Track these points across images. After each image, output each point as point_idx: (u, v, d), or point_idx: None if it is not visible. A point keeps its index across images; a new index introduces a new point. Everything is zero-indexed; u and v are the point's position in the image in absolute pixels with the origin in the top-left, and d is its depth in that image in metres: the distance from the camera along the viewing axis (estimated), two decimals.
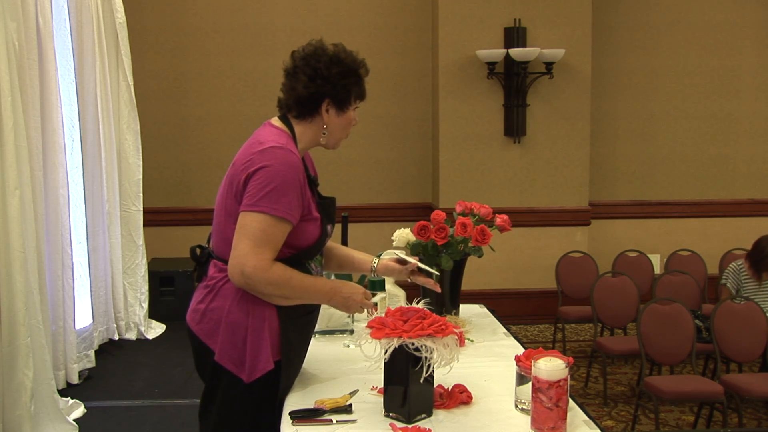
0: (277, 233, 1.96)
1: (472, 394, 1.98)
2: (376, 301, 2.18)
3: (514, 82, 5.81)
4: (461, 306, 2.75)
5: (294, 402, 1.98)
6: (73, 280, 4.33)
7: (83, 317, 4.74)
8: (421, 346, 1.80)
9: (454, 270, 2.60)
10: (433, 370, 1.83)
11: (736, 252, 5.42)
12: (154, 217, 5.83)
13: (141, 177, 5.34)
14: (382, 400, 1.92)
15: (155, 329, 5.43)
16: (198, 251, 2.15)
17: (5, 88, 3.42)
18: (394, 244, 2.63)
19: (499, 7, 5.83)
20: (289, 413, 1.90)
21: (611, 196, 6.48)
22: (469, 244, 2.58)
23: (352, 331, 2.59)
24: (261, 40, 6.11)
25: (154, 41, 6.07)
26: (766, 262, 4.37)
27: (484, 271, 5.73)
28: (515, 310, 5.88)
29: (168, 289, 5.70)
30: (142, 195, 5.34)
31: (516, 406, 1.93)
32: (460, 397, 1.95)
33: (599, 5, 6.14)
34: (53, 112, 4.09)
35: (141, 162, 5.34)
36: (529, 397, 1.81)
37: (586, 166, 6.06)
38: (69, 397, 3.96)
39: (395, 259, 2.36)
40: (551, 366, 1.75)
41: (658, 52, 6.39)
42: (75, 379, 4.33)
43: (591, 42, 5.94)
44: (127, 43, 5.18)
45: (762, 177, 6.58)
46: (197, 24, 6.10)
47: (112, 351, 5.02)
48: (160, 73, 6.10)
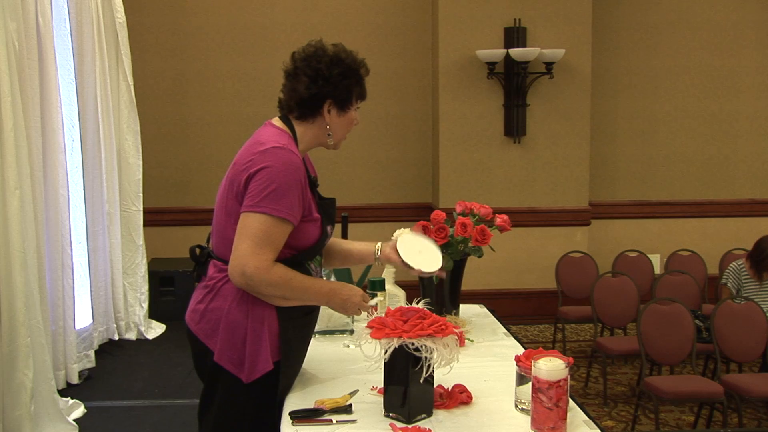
0: (278, 234, 1.95)
1: (472, 394, 1.98)
2: (373, 303, 2.17)
3: (514, 82, 5.81)
4: (461, 306, 2.75)
5: (294, 402, 1.98)
6: (73, 280, 4.33)
7: (83, 317, 4.74)
8: (421, 346, 1.80)
9: (454, 270, 2.60)
10: (433, 370, 1.83)
11: (736, 252, 5.42)
12: (154, 217, 5.83)
13: (141, 177, 5.34)
14: (382, 400, 1.91)
15: (155, 329, 5.43)
16: (197, 251, 2.14)
17: (5, 88, 3.42)
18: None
19: (499, 7, 5.83)
20: (289, 413, 1.90)
21: (611, 196, 6.48)
22: (469, 244, 2.58)
23: (352, 331, 2.59)
24: (261, 40, 6.11)
25: (154, 41, 6.07)
26: (767, 262, 4.38)
27: (484, 271, 5.73)
28: (515, 310, 5.88)
29: (168, 289, 5.70)
30: (142, 195, 5.34)
31: (516, 406, 1.93)
32: (460, 397, 1.95)
33: (599, 5, 6.14)
34: (53, 112, 4.09)
35: (141, 162, 5.34)
36: (529, 397, 1.81)
37: (586, 166, 6.05)
38: (69, 397, 3.96)
39: (400, 260, 2.31)
40: (551, 366, 1.75)
41: (658, 52, 6.39)
42: (75, 379, 4.33)
43: (591, 42, 5.94)
44: (127, 43, 5.18)
45: (762, 177, 6.58)
46: (197, 24, 6.10)
47: (112, 351, 5.02)
48: (160, 73, 6.11)
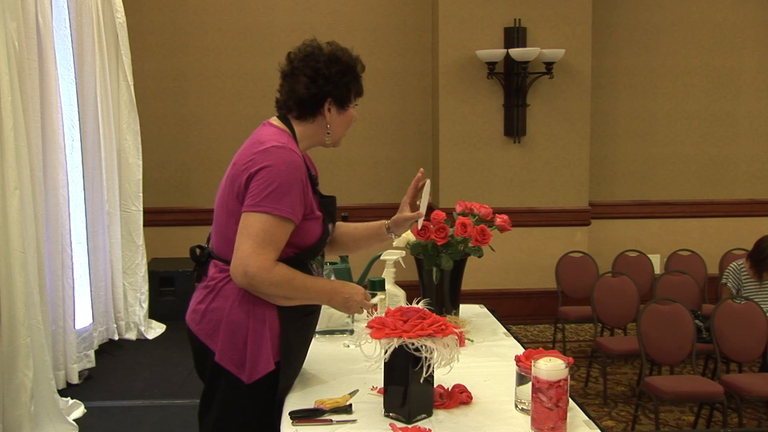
0: (280, 233, 1.95)
1: (472, 394, 1.98)
2: (375, 302, 2.18)
3: (514, 82, 5.81)
4: (461, 306, 2.75)
5: (294, 402, 1.98)
6: (73, 280, 4.33)
7: (83, 317, 4.73)
8: (421, 346, 1.79)
9: (454, 270, 2.60)
10: (433, 370, 1.83)
11: (736, 252, 5.42)
12: (154, 217, 5.83)
13: (141, 177, 5.34)
14: (382, 400, 1.91)
15: (155, 329, 5.42)
16: (198, 251, 2.14)
17: (5, 88, 3.42)
18: (394, 243, 2.63)
19: (499, 7, 5.83)
20: (289, 413, 1.89)
21: (611, 196, 6.48)
22: (469, 244, 2.58)
23: (352, 331, 2.58)
24: (261, 40, 6.11)
25: (154, 41, 6.07)
26: (767, 262, 4.38)
27: (484, 271, 5.73)
28: (515, 310, 5.88)
29: (168, 289, 5.70)
30: (142, 195, 5.34)
31: (516, 406, 1.93)
32: (460, 397, 1.95)
33: (599, 5, 6.14)
34: (53, 112, 4.09)
35: (141, 162, 5.34)
36: (529, 397, 1.81)
37: (586, 166, 6.06)
38: (69, 397, 3.96)
39: (415, 213, 2.30)
40: (551, 366, 1.75)
41: (658, 52, 6.39)
42: (75, 379, 4.33)
43: (591, 42, 5.94)
44: (127, 43, 5.18)
45: (762, 177, 6.58)
46: (197, 24, 6.10)
47: (112, 351, 5.02)
48: (160, 73, 6.11)
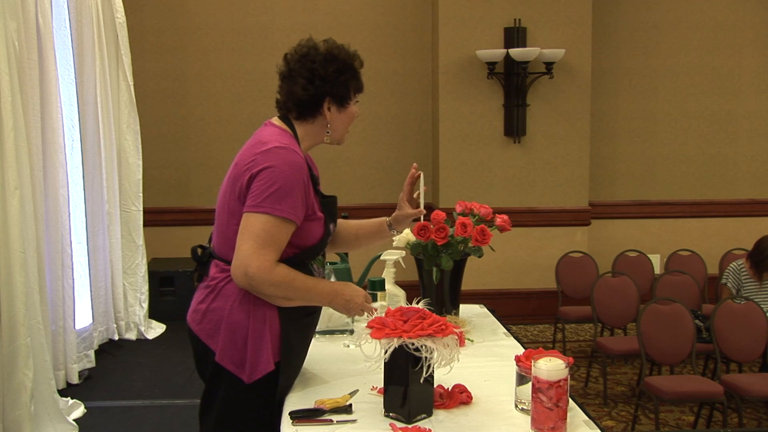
0: (281, 234, 1.95)
1: (472, 394, 1.98)
2: (376, 306, 2.18)
3: (514, 82, 5.81)
4: (461, 306, 2.75)
5: (294, 402, 1.98)
6: (73, 280, 4.33)
7: (83, 317, 4.74)
8: (421, 346, 1.79)
9: (454, 270, 2.60)
10: (433, 370, 1.83)
11: (736, 252, 5.42)
12: (154, 217, 5.83)
13: (141, 177, 5.34)
14: (382, 400, 1.91)
15: (155, 329, 5.43)
16: (199, 251, 2.14)
17: (5, 88, 3.42)
18: (394, 244, 2.64)
19: (499, 7, 5.83)
20: (289, 413, 1.89)
21: (611, 196, 6.48)
22: (469, 244, 2.58)
23: (352, 331, 2.58)
24: (261, 40, 6.11)
25: (154, 41, 6.07)
26: (767, 262, 4.38)
27: (484, 271, 5.73)
28: (515, 310, 5.88)
29: (168, 289, 5.70)
30: (142, 195, 5.35)
31: (516, 406, 1.93)
32: (460, 397, 1.95)
33: (599, 5, 6.14)
34: (53, 112, 4.09)
35: (141, 162, 5.34)
36: (529, 397, 1.81)
37: (586, 166, 6.05)
38: (69, 397, 3.96)
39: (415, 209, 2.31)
40: (551, 366, 1.75)
41: (658, 52, 6.39)
42: (75, 379, 4.33)
43: (591, 42, 5.94)
44: (127, 43, 5.18)
45: (762, 177, 6.58)
46: (197, 24, 6.10)
47: (112, 351, 5.02)
48: (160, 73, 6.11)
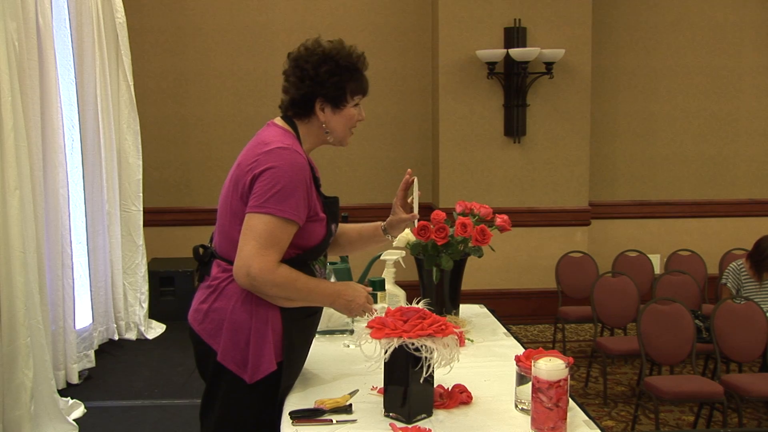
0: (284, 235, 1.95)
1: (472, 394, 1.98)
2: (378, 307, 2.19)
3: (514, 82, 5.81)
4: (461, 306, 2.75)
5: (294, 402, 1.98)
6: (73, 280, 4.33)
7: (83, 317, 4.74)
8: (421, 346, 1.79)
9: (454, 270, 2.60)
10: (433, 370, 1.83)
11: (736, 252, 5.42)
12: (154, 217, 5.83)
13: (141, 177, 5.34)
14: (382, 400, 1.91)
15: (155, 329, 5.43)
16: (201, 251, 2.14)
17: (5, 88, 3.42)
18: (394, 244, 2.64)
19: (499, 7, 5.83)
20: (289, 413, 1.89)
21: (611, 196, 6.48)
22: (469, 244, 2.58)
23: (352, 331, 2.59)
24: (261, 40, 6.11)
25: (154, 41, 6.07)
26: (767, 262, 4.38)
27: (484, 271, 5.73)
28: (515, 310, 5.88)
29: (168, 289, 5.70)
30: (142, 195, 5.35)
31: (516, 406, 1.93)
32: (460, 397, 1.95)
33: (599, 5, 6.14)
34: (53, 112, 4.09)
35: (141, 162, 5.34)
36: (529, 397, 1.81)
37: (586, 166, 6.06)
38: (69, 397, 3.96)
39: (408, 215, 2.31)
40: (551, 366, 1.75)
41: (658, 52, 6.39)
42: (75, 379, 4.33)
43: (591, 42, 5.94)
44: (127, 43, 5.18)
45: (762, 177, 6.58)
46: (197, 24, 6.10)
47: (112, 351, 5.02)
48: (160, 73, 6.11)
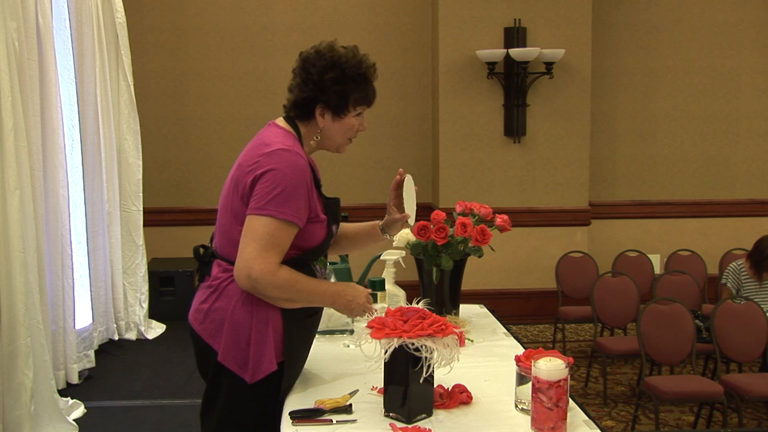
0: (284, 237, 1.95)
1: (472, 394, 1.98)
2: (378, 307, 2.18)
3: (514, 82, 5.81)
4: (461, 306, 2.75)
5: (294, 402, 1.98)
6: (73, 280, 4.33)
7: (83, 317, 4.74)
8: (421, 346, 1.79)
9: (454, 270, 2.60)
10: (433, 370, 1.83)
11: (736, 252, 5.42)
12: (154, 217, 5.83)
13: (141, 177, 5.34)
14: (382, 400, 1.91)
15: (155, 329, 5.43)
16: (201, 251, 2.14)
17: (5, 88, 3.42)
18: (394, 244, 2.64)
19: (499, 7, 5.83)
20: (289, 413, 1.89)
21: (611, 196, 6.48)
22: (469, 244, 2.58)
23: (352, 331, 2.59)
24: (261, 40, 6.11)
25: (154, 41, 6.07)
26: (767, 262, 4.38)
27: (484, 271, 5.73)
28: (515, 310, 5.88)
29: (168, 289, 5.70)
30: (142, 195, 5.35)
31: (516, 406, 1.93)
32: (460, 397, 1.95)
33: (599, 5, 6.14)
34: (53, 112, 4.09)
35: (141, 162, 5.34)
36: (529, 397, 1.81)
37: (586, 166, 6.06)
38: (69, 397, 3.96)
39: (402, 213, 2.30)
40: (551, 366, 1.75)
41: (658, 52, 6.39)
42: (75, 379, 4.33)
43: (591, 42, 5.94)
44: (127, 43, 5.18)
45: (762, 177, 6.58)
46: (197, 24, 6.10)
47: (112, 351, 5.02)
48: (160, 73, 6.11)
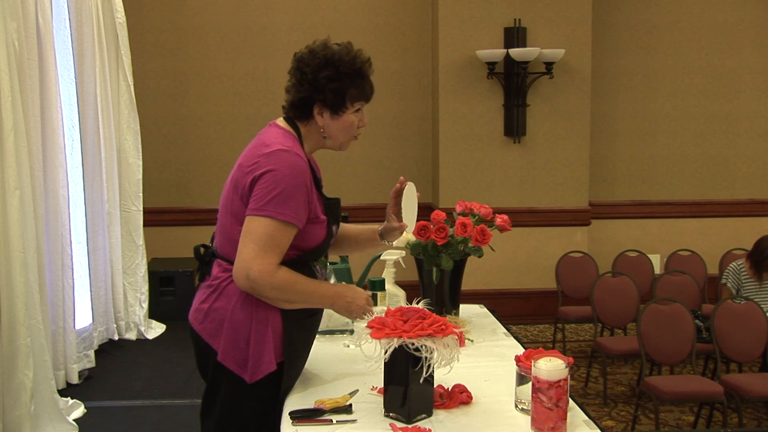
0: (283, 238, 1.95)
1: (472, 394, 1.98)
2: (378, 309, 2.18)
3: (514, 82, 5.81)
4: (461, 306, 2.75)
5: (294, 402, 1.98)
6: (73, 280, 4.33)
7: (83, 317, 4.74)
8: (421, 346, 1.79)
9: (454, 270, 2.60)
10: (433, 370, 1.83)
11: (736, 252, 5.42)
12: (154, 217, 5.83)
13: (141, 177, 5.34)
14: (382, 400, 1.91)
15: (155, 329, 5.43)
16: (201, 250, 2.14)
17: (5, 88, 3.42)
18: (394, 243, 2.63)
19: (499, 7, 5.83)
20: (289, 413, 1.89)
21: (611, 196, 6.48)
22: (469, 244, 2.58)
23: (352, 331, 2.58)
24: (261, 40, 6.11)
25: (154, 41, 6.07)
26: (767, 262, 4.38)
27: (484, 271, 5.73)
28: (515, 310, 5.88)
29: (168, 289, 5.70)
30: (142, 195, 5.35)
31: (516, 406, 1.93)
32: (460, 397, 1.95)
33: (599, 5, 6.14)
34: (53, 112, 4.09)
35: (141, 162, 5.34)
36: (529, 397, 1.81)
37: (586, 166, 6.06)
38: (69, 397, 3.96)
39: (400, 219, 2.30)
40: (551, 366, 1.75)
41: (658, 52, 6.39)
42: (75, 379, 4.33)
43: (591, 42, 5.94)
44: (127, 43, 5.18)
45: (762, 177, 6.58)
46: (197, 24, 6.10)
47: (112, 351, 5.02)
48: (160, 73, 6.11)
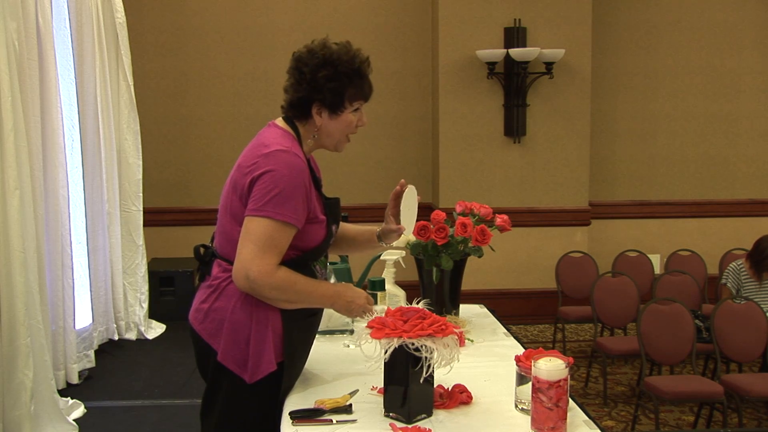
0: (282, 238, 1.95)
1: (472, 394, 1.98)
2: (378, 309, 2.18)
3: (514, 82, 5.81)
4: (461, 306, 2.75)
5: (294, 402, 1.98)
6: (73, 280, 4.33)
7: (83, 317, 4.74)
8: (421, 346, 1.79)
9: (454, 270, 2.60)
10: (433, 370, 1.83)
11: (736, 252, 5.42)
12: (154, 217, 5.83)
13: (141, 177, 5.34)
14: (382, 400, 1.91)
15: (155, 329, 5.43)
16: (201, 250, 2.14)
17: (5, 88, 3.42)
18: (394, 244, 2.64)
19: (499, 7, 5.83)
20: (289, 413, 1.89)
21: (611, 196, 6.48)
22: (469, 244, 2.58)
23: (352, 331, 2.58)
24: (261, 40, 6.11)
25: (154, 41, 6.07)
26: (767, 262, 4.38)
27: (484, 271, 5.73)
28: (515, 310, 5.88)
29: (168, 289, 5.70)
30: (142, 195, 5.35)
31: (516, 406, 1.93)
32: (460, 397, 1.95)
33: (599, 5, 6.14)
34: (53, 112, 4.09)
35: (141, 162, 5.34)
36: (529, 397, 1.81)
37: (586, 166, 6.06)
38: (69, 397, 3.96)
39: (398, 222, 2.30)
40: (551, 366, 1.75)
41: (658, 52, 6.39)
42: (75, 379, 4.33)
43: (591, 42, 5.94)
44: (127, 43, 5.19)
45: (762, 177, 6.58)
46: (197, 24, 6.10)
47: (112, 351, 5.02)
48: (160, 73, 6.11)
